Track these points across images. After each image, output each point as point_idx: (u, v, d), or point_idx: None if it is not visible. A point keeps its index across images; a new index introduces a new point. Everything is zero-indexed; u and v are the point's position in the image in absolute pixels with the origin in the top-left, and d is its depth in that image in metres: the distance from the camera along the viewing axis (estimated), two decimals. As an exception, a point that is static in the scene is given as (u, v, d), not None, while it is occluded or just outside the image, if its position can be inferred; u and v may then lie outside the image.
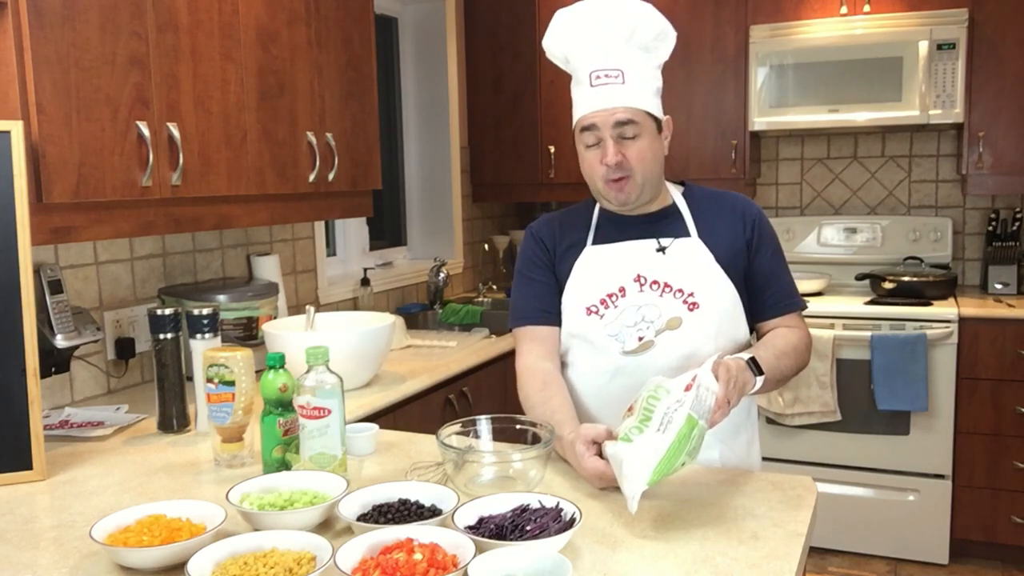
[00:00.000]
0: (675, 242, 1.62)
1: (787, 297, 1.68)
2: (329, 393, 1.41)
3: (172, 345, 1.83)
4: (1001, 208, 3.62)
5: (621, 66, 1.56)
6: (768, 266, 1.66)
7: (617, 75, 1.55)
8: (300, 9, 2.34)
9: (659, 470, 1.25)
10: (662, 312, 1.59)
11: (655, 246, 1.62)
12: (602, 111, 1.55)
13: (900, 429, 3.21)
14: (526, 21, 3.79)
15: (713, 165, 3.61)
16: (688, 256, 1.61)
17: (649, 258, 1.62)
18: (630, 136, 1.56)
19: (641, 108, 1.56)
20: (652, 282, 1.60)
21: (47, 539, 1.28)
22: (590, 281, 1.64)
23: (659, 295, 1.60)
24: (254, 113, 2.19)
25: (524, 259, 1.75)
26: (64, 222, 1.74)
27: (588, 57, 1.59)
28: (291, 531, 1.15)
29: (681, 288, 1.59)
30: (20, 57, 1.63)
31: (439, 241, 3.97)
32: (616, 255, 1.64)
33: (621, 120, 1.54)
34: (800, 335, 1.67)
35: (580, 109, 1.59)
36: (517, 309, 1.73)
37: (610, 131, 1.55)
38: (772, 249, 1.67)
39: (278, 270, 2.69)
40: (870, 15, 3.32)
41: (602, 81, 1.55)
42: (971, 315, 3.12)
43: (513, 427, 1.53)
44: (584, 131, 1.58)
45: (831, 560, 3.32)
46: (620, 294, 1.61)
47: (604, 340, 1.62)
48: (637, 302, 1.60)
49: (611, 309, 1.62)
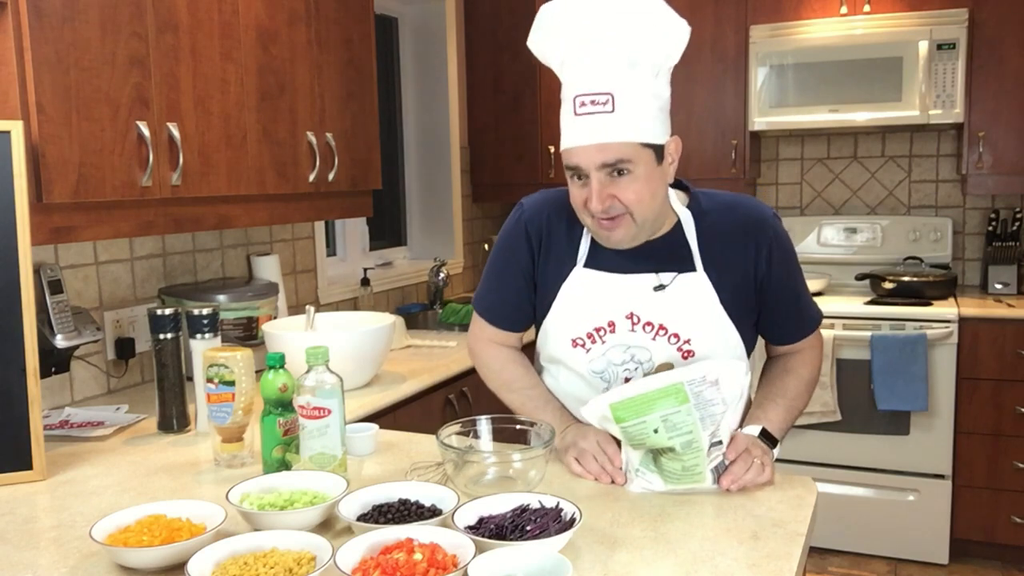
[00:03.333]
0: (676, 279, 1.46)
1: (805, 321, 1.57)
2: (329, 393, 1.41)
3: (172, 345, 1.83)
4: (1001, 208, 3.62)
5: (612, 88, 1.32)
6: (785, 293, 1.52)
7: (606, 100, 1.32)
8: (300, 9, 2.34)
9: (623, 408, 1.30)
10: (653, 356, 1.48)
11: (654, 283, 1.46)
12: (584, 147, 1.34)
13: (900, 429, 3.21)
14: (526, 21, 3.75)
15: (713, 165, 3.61)
16: (689, 296, 1.46)
17: (645, 296, 1.46)
18: (625, 172, 1.35)
19: (635, 141, 1.33)
20: (646, 323, 1.47)
21: (47, 539, 1.28)
22: (578, 311, 1.51)
23: (652, 338, 1.47)
24: (254, 113, 2.19)
25: (506, 248, 1.58)
26: (64, 222, 1.74)
27: (573, 75, 1.37)
28: (291, 531, 1.15)
29: (677, 333, 1.46)
30: (20, 57, 1.63)
31: (439, 241, 3.97)
32: (609, 287, 1.48)
33: (608, 161, 1.33)
34: (810, 359, 1.59)
35: (563, 141, 1.39)
36: (485, 298, 1.63)
37: (595, 172, 1.35)
38: (787, 272, 1.51)
39: (278, 270, 2.69)
40: (870, 15, 3.32)
41: (587, 109, 1.33)
42: (971, 315, 3.12)
43: (513, 427, 1.52)
44: (566, 167, 1.39)
45: (831, 560, 3.32)
46: (609, 330, 1.49)
47: (589, 375, 1.54)
48: (627, 342, 1.48)
49: (598, 344, 1.50)
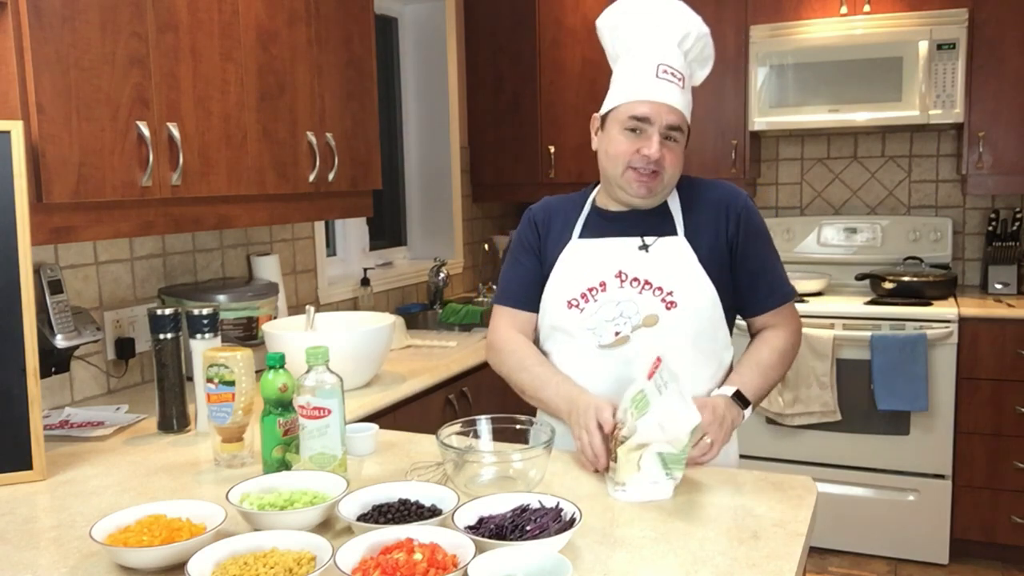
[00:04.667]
0: (659, 240, 1.62)
1: (775, 291, 1.69)
2: (329, 393, 1.41)
3: (172, 345, 1.83)
4: (1001, 208, 3.62)
5: (684, 72, 1.58)
6: (754, 262, 1.66)
7: (680, 79, 1.57)
8: (300, 9, 2.34)
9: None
10: (640, 308, 1.59)
11: (639, 243, 1.63)
12: (662, 104, 1.55)
13: (900, 429, 3.21)
14: (526, 21, 3.79)
15: (713, 165, 3.61)
16: (671, 255, 1.61)
17: (632, 255, 1.62)
18: (673, 139, 1.58)
19: (688, 119, 1.59)
20: (633, 279, 1.61)
21: (47, 539, 1.28)
22: (572, 275, 1.65)
23: (638, 292, 1.60)
24: (254, 113, 2.19)
25: (517, 239, 1.78)
26: (64, 222, 1.74)
27: (658, 48, 1.58)
28: (291, 531, 1.15)
29: (660, 286, 1.59)
30: (20, 57, 1.63)
31: (439, 241, 3.97)
32: (600, 250, 1.65)
33: (673, 123, 1.56)
34: (787, 334, 1.68)
35: (634, 93, 1.57)
36: (502, 288, 1.78)
37: (660, 127, 1.56)
38: (759, 243, 1.67)
39: (278, 270, 2.69)
40: (870, 15, 3.32)
41: (667, 77, 1.56)
42: (971, 315, 3.12)
43: (513, 427, 1.53)
44: (630, 117, 1.57)
45: (831, 560, 3.32)
46: (600, 288, 1.62)
47: (582, 333, 1.63)
48: (616, 297, 1.61)
49: (591, 303, 1.62)
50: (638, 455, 1.34)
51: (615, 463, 1.38)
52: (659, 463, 1.34)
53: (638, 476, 1.35)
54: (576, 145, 3.73)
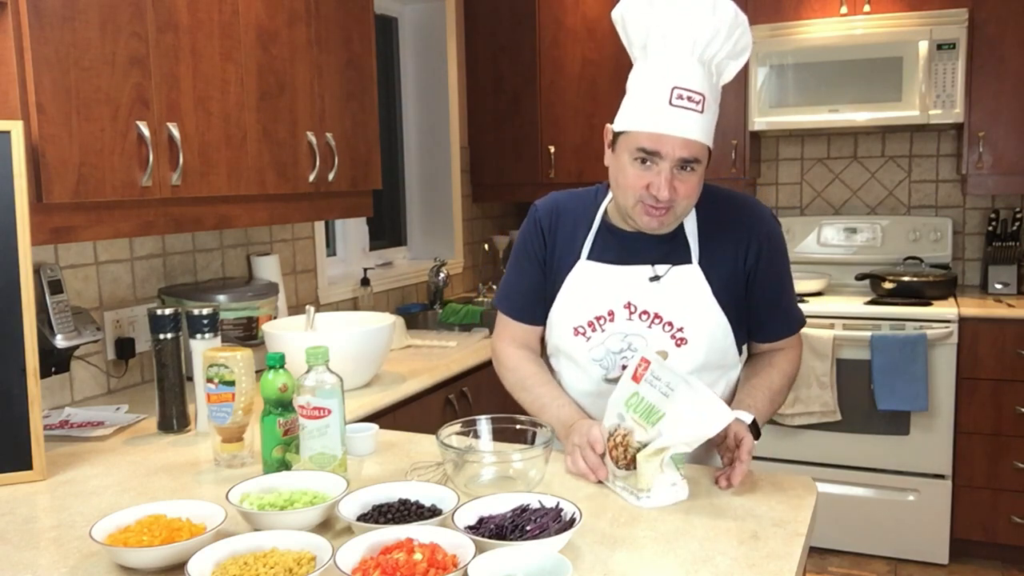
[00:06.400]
0: (671, 271, 1.54)
1: (790, 321, 1.65)
2: (329, 393, 1.41)
3: (172, 345, 1.83)
4: (1001, 208, 3.62)
5: (705, 90, 1.41)
6: (771, 292, 1.60)
7: (699, 101, 1.40)
8: (300, 9, 2.34)
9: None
10: (649, 343, 1.53)
11: (650, 274, 1.55)
12: (674, 138, 1.40)
13: (900, 429, 3.21)
14: (526, 21, 3.79)
15: (713, 165, 3.53)
16: (683, 287, 1.54)
17: (642, 286, 1.55)
18: (690, 169, 1.45)
19: (708, 145, 1.45)
20: (642, 312, 1.55)
21: (47, 539, 1.28)
22: (580, 300, 1.59)
23: (648, 326, 1.54)
24: (254, 113, 2.19)
25: (521, 241, 1.69)
26: (64, 222, 1.74)
27: (675, 67, 1.41)
28: (291, 531, 1.15)
29: (671, 321, 1.54)
30: (20, 57, 1.63)
31: (439, 241, 3.97)
32: (609, 277, 1.57)
33: (687, 158, 1.42)
34: (795, 356, 1.66)
35: (645, 123, 1.42)
36: (505, 293, 1.72)
37: (672, 161, 1.42)
38: (776, 271, 1.59)
39: (278, 270, 2.69)
40: (870, 15, 3.32)
41: (683, 103, 1.40)
42: (971, 315, 3.12)
43: (513, 427, 1.53)
44: (638, 148, 1.43)
45: (831, 560, 3.32)
46: (608, 318, 1.56)
47: (588, 363, 1.60)
48: (624, 330, 1.56)
49: (598, 332, 1.57)
50: (659, 459, 1.32)
51: (633, 471, 1.35)
52: (672, 464, 1.34)
53: (661, 478, 1.33)
54: (576, 145, 3.73)
